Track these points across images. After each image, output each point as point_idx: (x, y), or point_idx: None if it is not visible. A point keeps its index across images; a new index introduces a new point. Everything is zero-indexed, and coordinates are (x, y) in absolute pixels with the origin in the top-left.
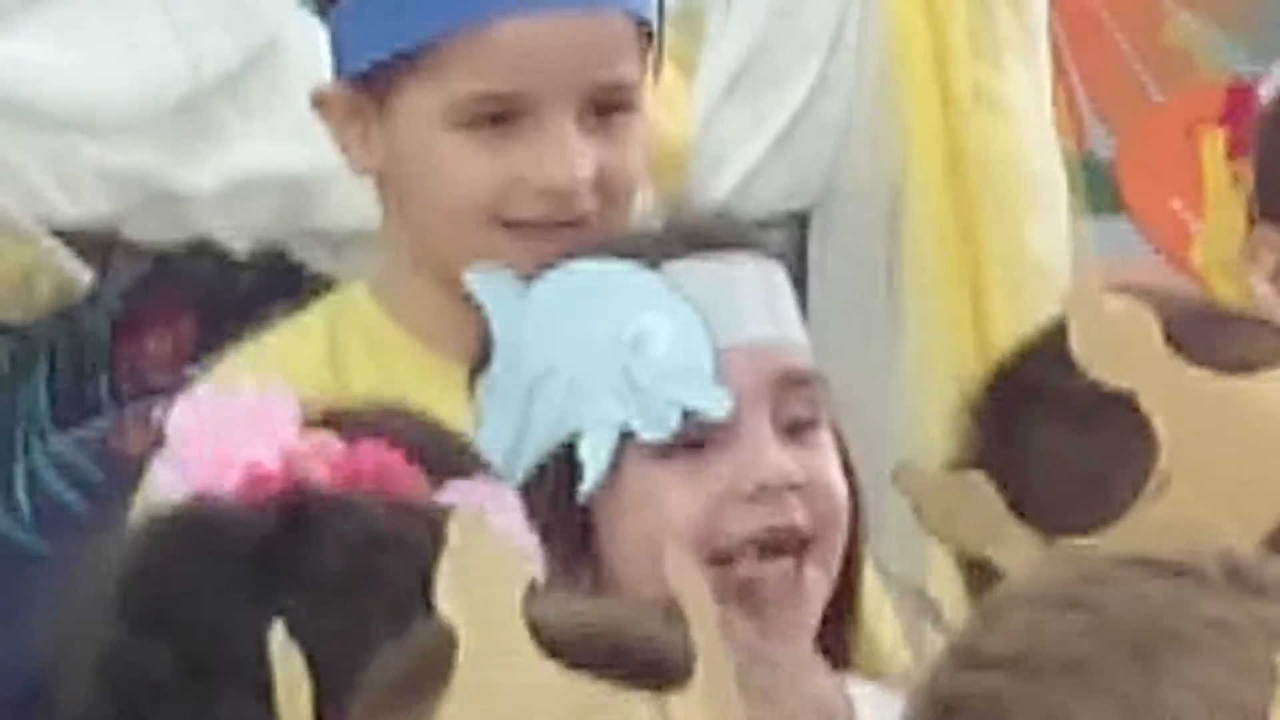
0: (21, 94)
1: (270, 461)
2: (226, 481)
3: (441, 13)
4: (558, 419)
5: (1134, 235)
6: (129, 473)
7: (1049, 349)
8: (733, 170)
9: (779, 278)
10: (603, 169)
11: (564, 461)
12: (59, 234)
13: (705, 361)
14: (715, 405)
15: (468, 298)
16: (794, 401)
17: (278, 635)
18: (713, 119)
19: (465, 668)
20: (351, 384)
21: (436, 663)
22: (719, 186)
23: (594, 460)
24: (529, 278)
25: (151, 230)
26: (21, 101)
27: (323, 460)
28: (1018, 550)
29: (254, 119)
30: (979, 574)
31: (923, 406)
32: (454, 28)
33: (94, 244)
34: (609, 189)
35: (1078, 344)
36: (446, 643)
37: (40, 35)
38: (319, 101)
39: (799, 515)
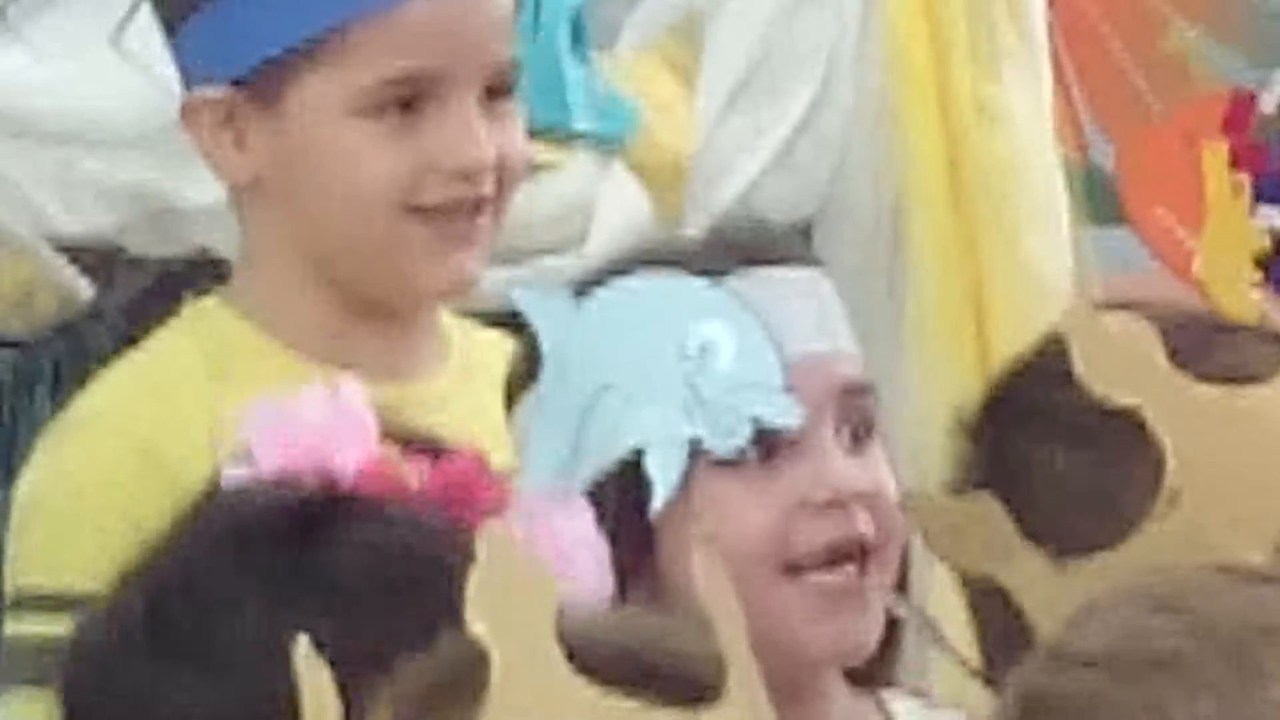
0: (22, 109)
1: (360, 467)
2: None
3: (330, 3)
4: (616, 434)
5: (1135, 244)
6: None
7: (1045, 366)
8: (733, 182)
9: (828, 289)
10: (499, 153)
11: (624, 476)
12: (60, 248)
13: (774, 372)
14: (787, 415)
15: (353, 303)
16: (853, 411)
17: (303, 649)
18: (713, 130)
19: (498, 685)
20: (234, 397)
21: (465, 677)
22: (719, 198)
23: (664, 475)
24: (577, 293)
25: (152, 244)
26: (22, 116)
27: (414, 466)
28: (1026, 571)
29: None
30: (985, 596)
31: (925, 417)
32: (364, 11)
33: (95, 258)
34: (505, 172)
35: (1080, 362)
36: (476, 658)
37: (41, 50)
38: (188, 112)
39: (865, 525)
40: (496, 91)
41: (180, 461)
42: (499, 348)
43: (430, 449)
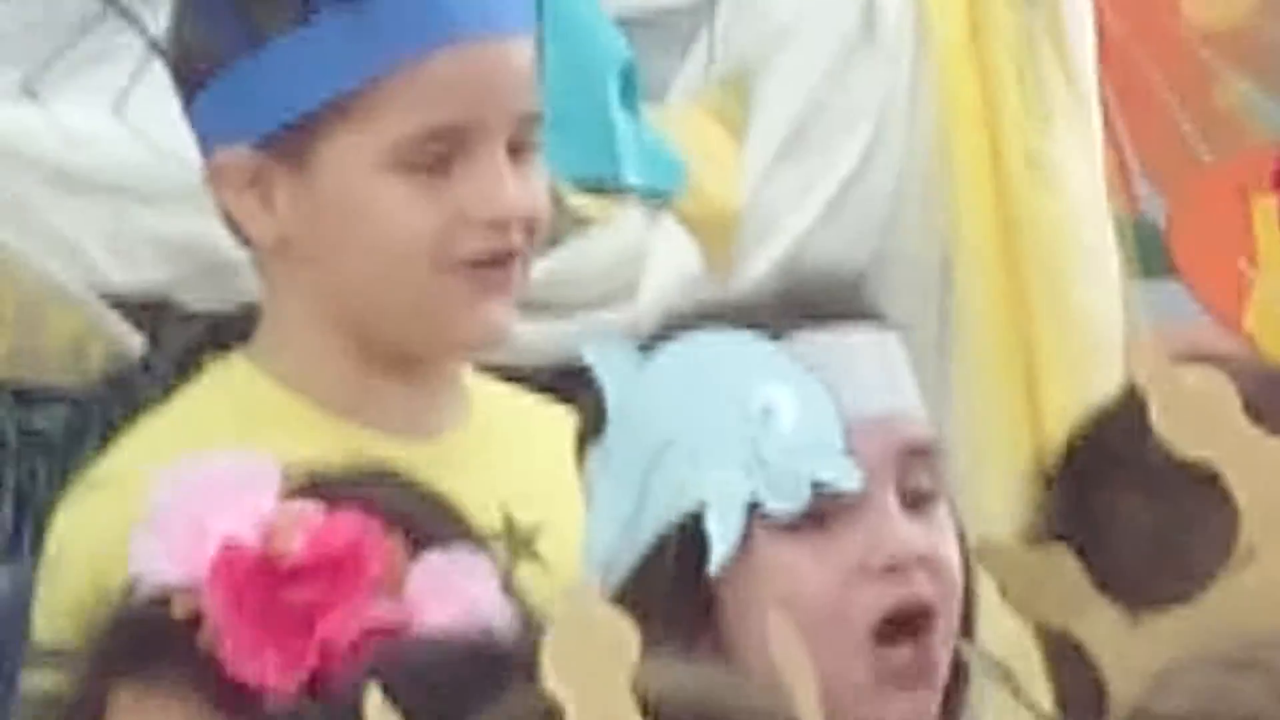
0: (73, 161)
1: (246, 535)
2: (204, 554)
3: (370, 56)
4: (679, 491)
5: (1185, 297)
6: None
7: (1123, 418)
8: (783, 235)
9: (895, 347)
10: (526, 204)
11: (686, 533)
12: (111, 301)
13: (834, 434)
14: (846, 478)
15: (381, 360)
16: (916, 473)
17: (374, 702)
18: (763, 184)
19: None
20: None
21: None
22: (768, 252)
23: (723, 534)
24: (643, 348)
25: (202, 297)
26: (73, 169)
27: (299, 535)
28: (1101, 625)
29: None
30: (1060, 648)
31: (975, 471)
32: (386, 70)
33: (146, 311)
34: (532, 224)
35: (1158, 417)
36: (547, 715)
37: (92, 103)
38: (215, 173)
39: (926, 589)
40: (520, 144)
41: None
42: (528, 411)
43: (363, 502)
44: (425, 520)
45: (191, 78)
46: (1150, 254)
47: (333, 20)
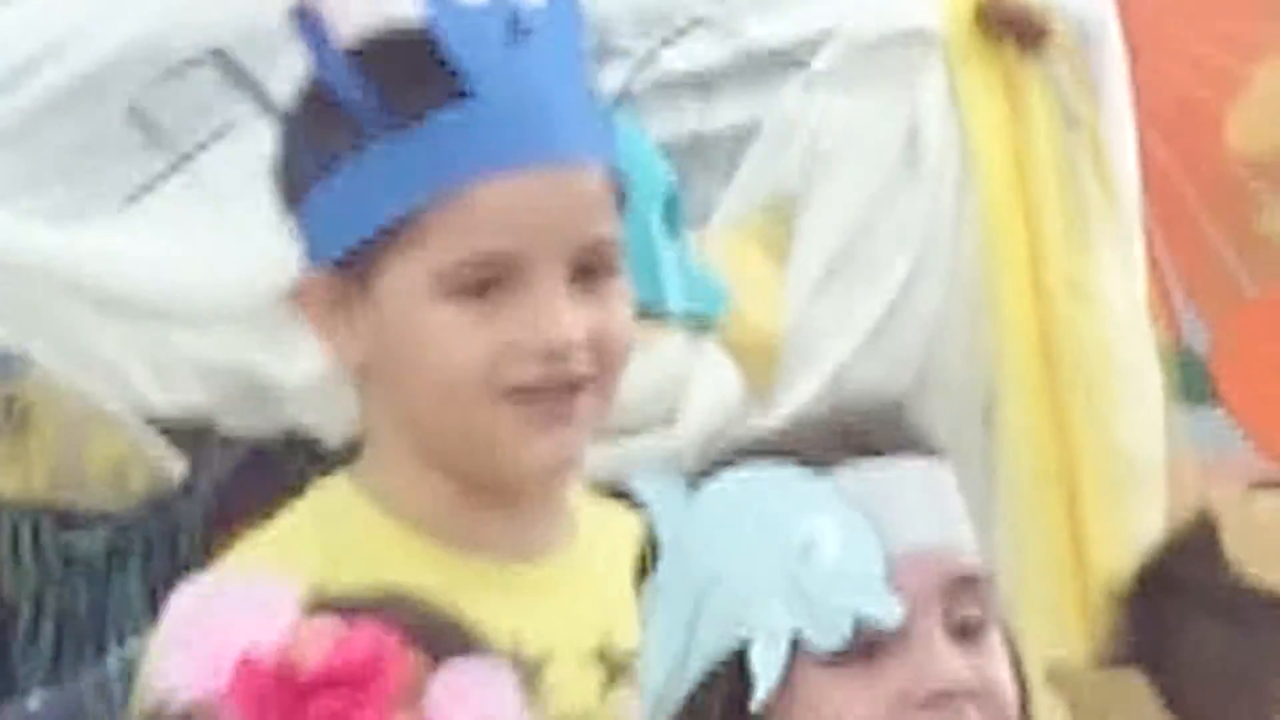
0: (116, 285)
1: (266, 649)
2: (224, 668)
3: (420, 182)
4: (726, 626)
5: (1228, 425)
6: None
7: (1195, 542)
8: (825, 361)
9: (945, 476)
10: (595, 331)
11: (733, 668)
12: (153, 424)
13: (876, 568)
14: (887, 613)
15: (468, 483)
16: (965, 603)
17: None
18: (805, 309)
19: None
20: (351, 581)
21: None
22: (810, 378)
23: (765, 670)
24: (693, 483)
25: (245, 421)
26: (116, 292)
27: (319, 647)
28: None
29: None
30: None
31: (1018, 596)
32: (434, 196)
33: (188, 435)
34: (603, 351)
35: (1231, 544)
36: None
37: (135, 227)
38: (299, 294)
39: None
40: (591, 269)
41: None
42: (619, 521)
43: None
44: (443, 638)
45: (287, 201)
46: (1192, 381)
47: (386, 147)
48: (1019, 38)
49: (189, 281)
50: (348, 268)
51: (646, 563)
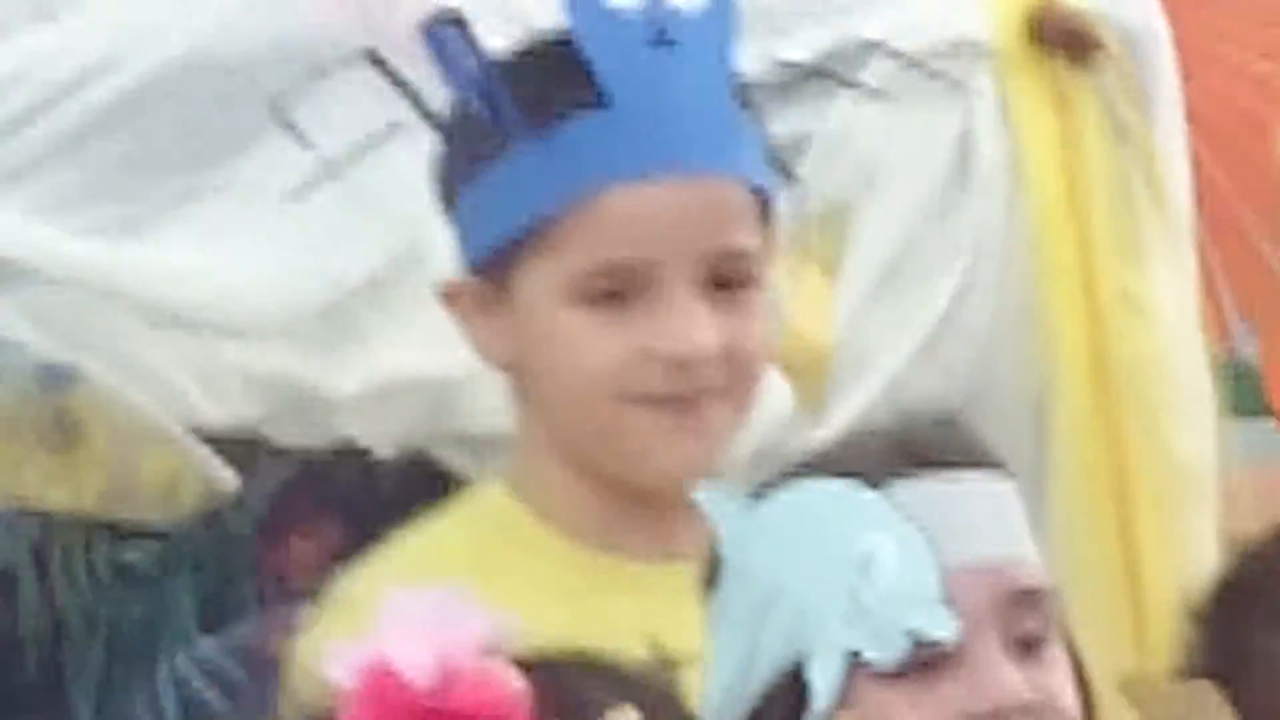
0: (165, 297)
1: (414, 665)
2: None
3: (554, 188)
4: (787, 641)
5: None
6: (270, 676)
7: (1271, 556)
8: (877, 374)
9: (1008, 492)
10: (728, 342)
11: (793, 682)
12: (204, 437)
13: (931, 584)
14: (942, 628)
15: (609, 485)
16: (1025, 618)
17: None
18: (857, 321)
19: None
20: (496, 585)
21: None
22: (863, 390)
23: (823, 685)
24: (755, 495)
25: (295, 434)
26: (165, 305)
27: (456, 677)
28: None
29: (397, 323)
30: None
31: (1069, 607)
32: (568, 203)
33: (238, 448)
34: (735, 362)
35: None
36: None
37: (183, 239)
38: (448, 295)
39: None
40: (727, 280)
41: None
42: None
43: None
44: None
45: (443, 204)
46: (1245, 393)
47: (525, 152)
48: (1069, 49)
49: (238, 294)
50: (490, 271)
51: (710, 575)
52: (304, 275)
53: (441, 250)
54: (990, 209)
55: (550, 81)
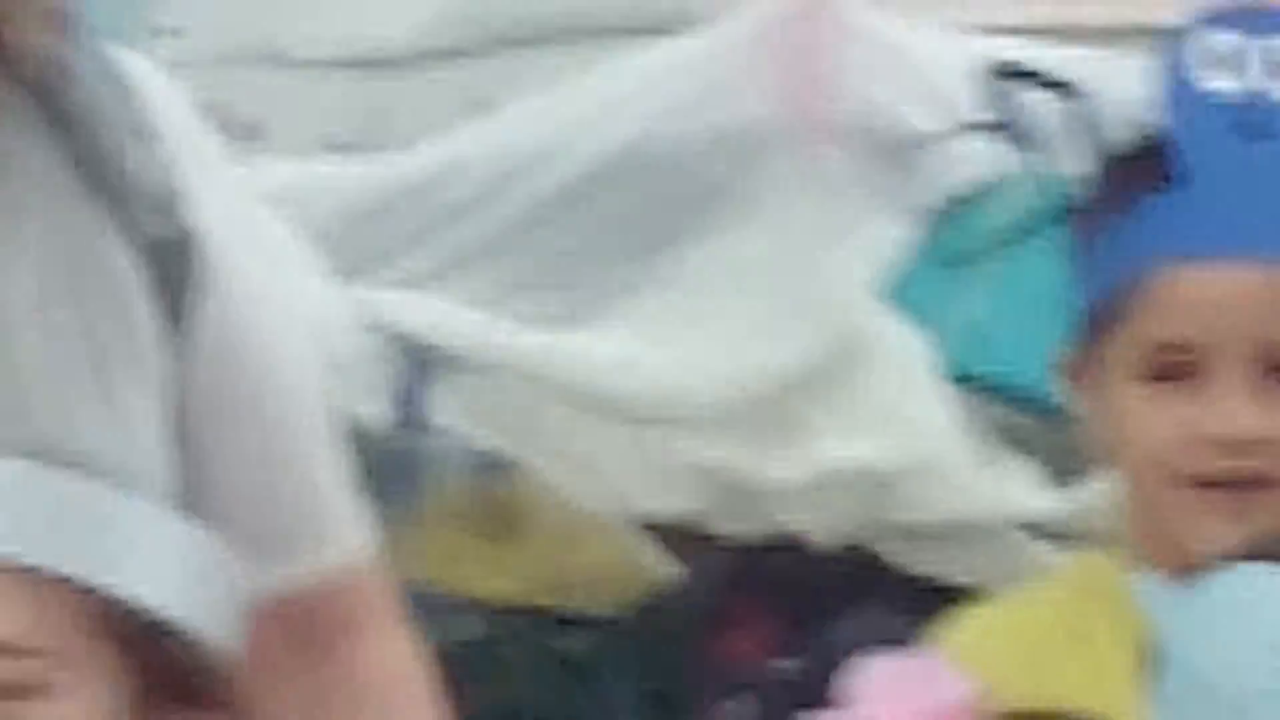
0: (608, 388)
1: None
2: None
3: (1123, 263)
4: None
5: None
6: None
7: None
8: None
9: None
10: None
11: None
12: (643, 527)
13: None
14: None
15: (1168, 563)
16: None
17: None
18: None
19: None
20: (1091, 655)
21: None
22: None
23: None
24: (1184, 577)
25: (734, 524)
26: (607, 395)
27: None
28: None
29: (837, 413)
30: None
31: None
32: (1137, 278)
33: (677, 537)
34: None
35: None
36: None
37: (622, 330)
38: (1062, 368)
39: None
40: None
41: None
42: None
43: None
44: None
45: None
46: None
47: (1105, 228)
48: None
49: (678, 385)
50: (1089, 342)
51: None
52: (741, 366)
53: (884, 341)
54: None
55: (1136, 158)
